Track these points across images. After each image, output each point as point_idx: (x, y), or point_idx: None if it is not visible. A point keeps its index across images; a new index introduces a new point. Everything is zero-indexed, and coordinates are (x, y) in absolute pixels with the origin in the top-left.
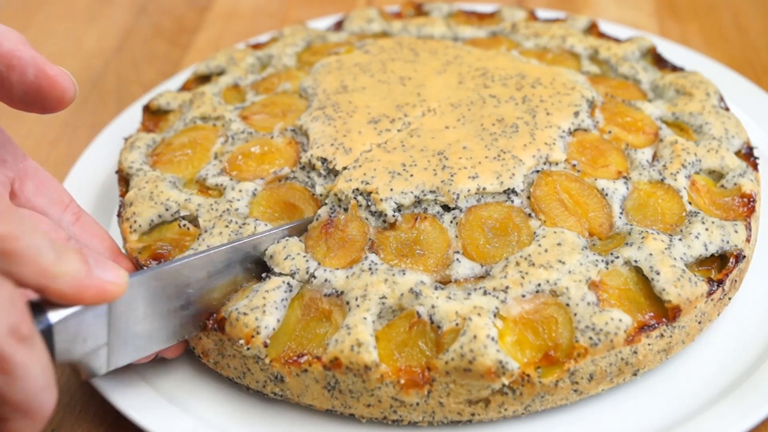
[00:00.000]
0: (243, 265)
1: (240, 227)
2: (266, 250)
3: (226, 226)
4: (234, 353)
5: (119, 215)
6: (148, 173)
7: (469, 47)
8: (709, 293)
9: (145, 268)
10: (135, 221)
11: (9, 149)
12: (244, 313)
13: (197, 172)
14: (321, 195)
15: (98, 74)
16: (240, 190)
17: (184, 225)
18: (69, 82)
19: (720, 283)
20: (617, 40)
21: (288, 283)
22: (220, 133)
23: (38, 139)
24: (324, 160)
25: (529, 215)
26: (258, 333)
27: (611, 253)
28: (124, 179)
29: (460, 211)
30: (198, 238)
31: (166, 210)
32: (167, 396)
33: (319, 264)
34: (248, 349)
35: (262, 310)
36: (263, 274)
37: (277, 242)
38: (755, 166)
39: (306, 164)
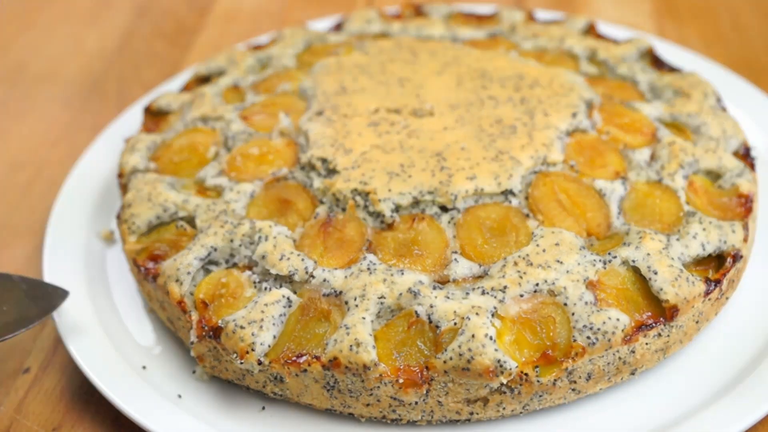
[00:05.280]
0: None
1: (235, 227)
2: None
3: (221, 227)
4: (230, 359)
5: (118, 217)
6: (147, 175)
7: (468, 48)
8: (707, 293)
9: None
10: (133, 222)
11: None
12: (241, 327)
13: (196, 173)
14: (318, 189)
15: (99, 75)
16: (238, 192)
17: (181, 226)
18: None
19: (717, 282)
20: (615, 42)
21: (288, 298)
22: (214, 141)
23: (39, 140)
24: (324, 161)
25: (527, 215)
26: (253, 349)
27: (609, 253)
28: (125, 184)
29: (458, 211)
30: (194, 239)
31: (164, 211)
32: (167, 396)
33: (315, 263)
34: (241, 363)
35: (260, 325)
36: None
37: (266, 240)
38: (752, 167)
39: (306, 164)
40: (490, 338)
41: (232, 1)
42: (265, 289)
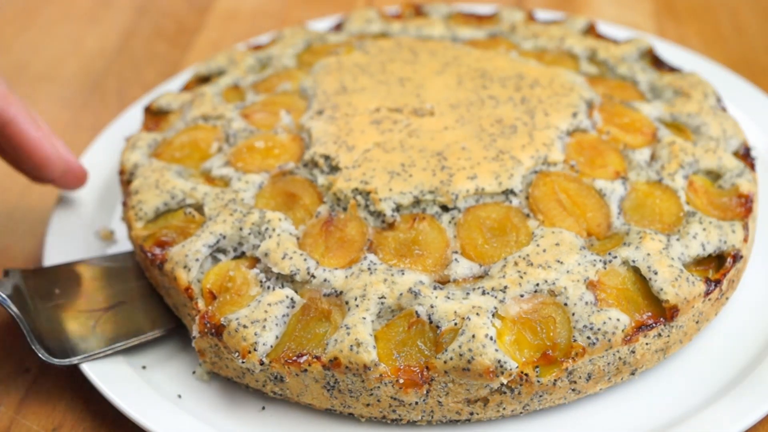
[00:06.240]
0: None
1: (244, 216)
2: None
3: (231, 215)
4: (231, 357)
5: (124, 204)
6: (154, 163)
7: (468, 48)
8: (707, 293)
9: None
10: (141, 209)
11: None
12: (244, 326)
13: (200, 166)
14: (323, 185)
15: (99, 75)
16: (246, 182)
17: (190, 212)
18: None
19: (717, 282)
20: (615, 42)
21: (291, 299)
22: (216, 137)
23: None
24: (327, 158)
25: (528, 215)
26: (255, 349)
27: (609, 253)
28: (127, 181)
29: (459, 211)
30: (202, 226)
31: (172, 198)
32: (167, 396)
33: (317, 263)
34: (243, 362)
35: (262, 325)
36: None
37: (269, 238)
38: (752, 167)
39: (309, 161)
40: (491, 338)
41: (232, 1)
42: (269, 288)
